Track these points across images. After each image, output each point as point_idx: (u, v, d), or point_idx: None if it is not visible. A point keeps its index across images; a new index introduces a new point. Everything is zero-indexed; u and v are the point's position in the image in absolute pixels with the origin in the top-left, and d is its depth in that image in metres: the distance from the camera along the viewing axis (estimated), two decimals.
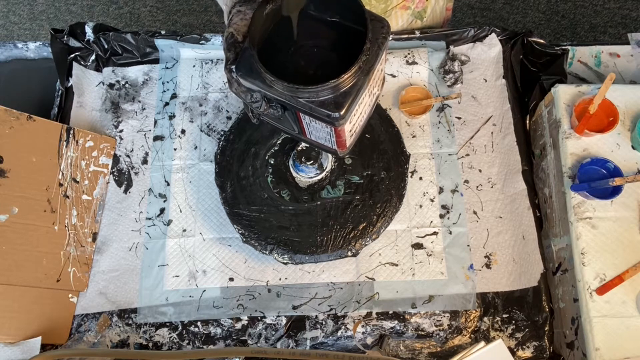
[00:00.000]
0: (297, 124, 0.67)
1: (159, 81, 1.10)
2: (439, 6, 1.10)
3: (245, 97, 0.66)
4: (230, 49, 0.65)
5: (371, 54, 0.61)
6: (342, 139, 0.66)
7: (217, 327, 0.93)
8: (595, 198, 0.85)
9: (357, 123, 0.67)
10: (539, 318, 0.92)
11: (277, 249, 0.90)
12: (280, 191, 0.94)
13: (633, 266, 0.83)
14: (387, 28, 0.62)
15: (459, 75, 1.06)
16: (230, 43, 0.65)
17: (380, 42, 0.61)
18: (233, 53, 0.65)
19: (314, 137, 0.69)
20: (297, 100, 0.61)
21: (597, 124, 0.89)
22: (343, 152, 0.70)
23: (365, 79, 0.61)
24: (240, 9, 0.66)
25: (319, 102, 0.60)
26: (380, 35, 0.62)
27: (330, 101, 0.60)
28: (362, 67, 0.60)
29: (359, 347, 0.92)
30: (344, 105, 0.60)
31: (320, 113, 0.61)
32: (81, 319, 0.95)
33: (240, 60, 0.63)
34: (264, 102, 0.65)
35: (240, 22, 0.65)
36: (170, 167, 1.03)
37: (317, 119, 0.63)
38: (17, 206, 0.86)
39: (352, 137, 0.69)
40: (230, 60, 0.65)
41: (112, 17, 2.14)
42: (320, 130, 0.66)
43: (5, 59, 1.15)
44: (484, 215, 0.98)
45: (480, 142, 1.03)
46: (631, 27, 2.03)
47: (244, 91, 0.66)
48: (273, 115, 0.68)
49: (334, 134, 0.65)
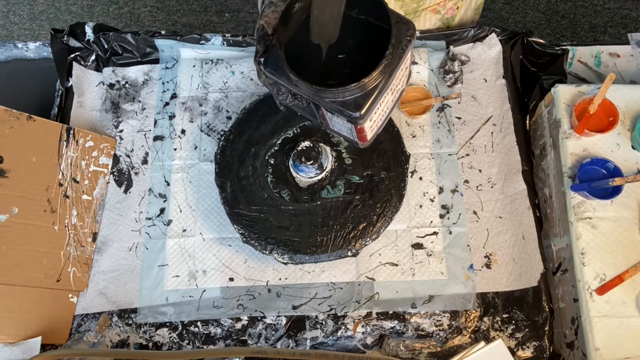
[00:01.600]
0: (320, 116, 0.70)
1: (159, 81, 1.10)
2: (467, 17, 1.11)
3: (272, 89, 0.68)
4: (260, 42, 0.65)
5: (394, 57, 0.62)
6: (363, 134, 0.69)
7: (217, 327, 0.93)
8: (595, 198, 0.85)
9: (379, 119, 0.69)
10: (539, 318, 0.92)
11: (277, 249, 0.90)
12: (280, 191, 0.94)
13: (633, 266, 0.83)
14: (412, 30, 0.63)
15: (459, 75, 1.06)
16: (261, 35, 0.65)
17: (405, 44, 0.62)
18: (263, 46, 0.65)
19: (336, 128, 0.72)
20: (320, 99, 0.63)
21: (597, 124, 0.89)
22: (364, 144, 0.72)
23: (387, 81, 0.62)
24: (273, 0, 0.66)
25: (340, 102, 0.62)
26: (404, 38, 0.62)
27: (351, 102, 0.62)
28: (383, 70, 0.61)
29: (359, 347, 0.92)
30: (364, 106, 0.62)
31: (342, 112, 0.63)
32: (81, 319, 0.95)
33: (269, 56, 0.65)
34: (290, 95, 0.67)
35: (271, 14, 0.65)
36: (170, 167, 1.03)
37: (339, 116, 0.65)
38: (17, 206, 0.86)
39: (373, 131, 0.71)
40: (259, 53, 0.66)
41: (112, 17, 2.14)
42: (342, 125, 0.68)
43: (5, 59, 1.15)
44: (484, 215, 0.98)
45: (480, 142, 1.03)
46: (631, 27, 2.03)
47: (271, 83, 0.67)
48: (298, 106, 0.70)
49: (354, 130, 0.68)
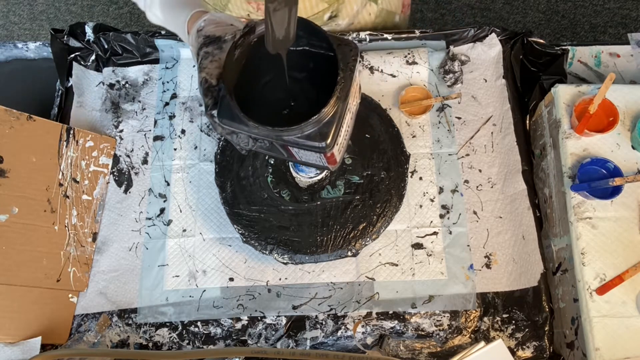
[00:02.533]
0: (286, 152, 0.70)
1: (159, 81, 1.10)
2: None
3: (231, 138, 0.67)
4: (207, 94, 0.65)
5: (345, 80, 0.62)
6: (332, 158, 0.69)
7: (217, 327, 0.93)
8: (595, 198, 0.85)
9: (344, 139, 0.69)
10: (539, 318, 0.92)
11: (277, 249, 0.90)
12: (280, 191, 0.94)
13: (633, 266, 0.83)
14: (355, 50, 0.63)
15: (459, 75, 1.06)
16: (206, 88, 0.65)
17: (352, 65, 0.63)
18: (211, 98, 0.65)
19: (304, 159, 0.71)
20: (283, 139, 0.62)
21: (597, 124, 0.89)
22: (334, 167, 0.72)
23: (344, 104, 0.62)
24: (207, 50, 0.66)
25: (304, 137, 0.62)
26: (350, 59, 0.63)
27: (316, 133, 0.61)
28: (339, 96, 0.61)
29: (359, 347, 0.92)
30: (329, 135, 0.62)
31: (308, 146, 0.63)
32: (81, 319, 0.95)
33: (221, 107, 0.64)
34: (251, 140, 0.66)
35: (210, 64, 0.65)
36: (170, 167, 1.03)
37: (305, 149, 0.65)
38: (17, 206, 0.86)
39: (340, 153, 0.70)
40: (209, 106, 0.65)
41: (112, 17, 2.14)
42: (310, 155, 0.68)
43: (5, 59, 1.15)
44: (484, 215, 0.98)
45: (480, 142, 1.03)
46: (631, 27, 2.03)
47: (228, 133, 0.66)
48: (261, 147, 0.69)
49: (323, 157, 0.67)
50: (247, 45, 0.65)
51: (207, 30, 0.68)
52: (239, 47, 0.64)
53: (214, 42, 0.66)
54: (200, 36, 0.68)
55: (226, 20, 0.70)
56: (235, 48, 0.64)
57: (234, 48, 0.63)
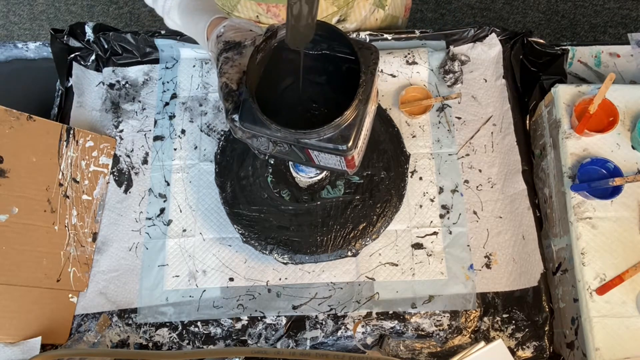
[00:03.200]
0: (305, 156, 0.70)
1: (159, 81, 1.10)
2: None
3: (252, 142, 0.67)
4: (228, 99, 0.65)
5: (367, 83, 0.62)
6: (352, 162, 0.69)
7: (217, 327, 0.93)
8: (595, 198, 0.85)
9: (363, 142, 0.69)
10: (539, 318, 0.92)
11: (277, 249, 0.90)
12: (280, 191, 0.94)
13: (633, 266, 0.83)
14: (376, 54, 0.64)
15: (459, 75, 1.06)
16: (227, 93, 0.65)
17: (373, 68, 0.63)
18: (231, 102, 0.65)
19: (323, 163, 0.72)
20: (304, 142, 0.63)
21: (597, 124, 0.89)
22: (353, 171, 0.72)
23: (365, 107, 0.63)
24: (227, 55, 0.66)
25: (326, 140, 0.62)
26: (371, 62, 0.63)
27: (337, 136, 0.62)
28: (361, 99, 0.62)
29: (359, 347, 0.92)
30: (350, 138, 0.62)
31: (330, 149, 0.63)
32: (81, 319, 0.95)
33: (243, 111, 0.64)
34: (271, 143, 0.67)
35: (230, 69, 0.66)
36: (170, 167, 1.03)
37: (326, 153, 0.65)
38: (17, 206, 0.86)
39: (359, 156, 0.71)
40: (230, 111, 0.65)
41: (112, 17, 2.14)
42: (330, 159, 0.68)
43: (5, 59, 1.15)
44: (484, 215, 0.98)
45: (480, 142, 1.03)
46: (631, 27, 2.03)
47: (249, 137, 0.67)
48: (280, 151, 0.69)
49: (343, 160, 0.68)
50: (269, 49, 0.66)
51: (227, 36, 0.68)
52: (261, 51, 0.65)
53: (233, 48, 0.67)
54: (220, 42, 0.68)
55: (246, 26, 0.70)
56: (258, 52, 0.64)
57: (257, 52, 0.64)
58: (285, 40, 0.60)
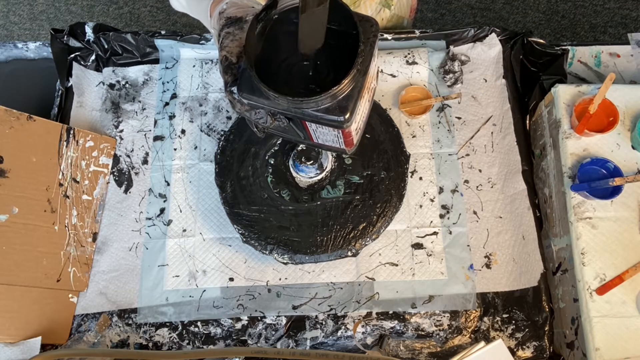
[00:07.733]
0: (304, 131, 0.70)
1: (159, 81, 1.10)
2: None
3: (250, 115, 0.68)
4: (227, 72, 0.66)
5: (365, 54, 0.62)
6: (349, 138, 0.69)
7: (217, 327, 0.93)
8: (595, 198, 0.85)
9: (361, 120, 0.70)
10: (539, 318, 0.92)
11: (277, 249, 0.90)
12: (280, 191, 0.94)
13: (633, 266, 0.83)
14: (376, 26, 0.64)
15: (459, 75, 1.06)
16: (226, 66, 0.66)
17: (372, 41, 0.63)
18: (230, 75, 0.66)
19: (321, 140, 0.72)
20: (302, 111, 0.63)
21: (597, 124, 0.89)
22: (351, 149, 0.72)
23: (364, 79, 0.63)
24: (229, 30, 0.67)
25: (323, 110, 0.62)
26: (370, 34, 0.63)
27: (335, 107, 0.62)
28: (359, 69, 0.61)
29: (359, 347, 0.92)
30: (348, 108, 0.62)
31: (327, 119, 0.63)
32: (81, 319, 0.95)
33: (241, 81, 0.65)
34: (269, 117, 0.67)
35: (231, 43, 0.66)
36: (170, 167, 1.03)
37: (323, 125, 0.65)
38: (17, 206, 0.86)
39: (357, 134, 0.71)
40: (229, 83, 0.66)
41: (112, 17, 2.14)
42: (327, 134, 0.68)
43: (5, 59, 1.15)
44: (484, 215, 0.98)
45: (480, 142, 1.03)
46: (631, 27, 2.03)
47: (247, 110, 0.67)
48: (279, 127, 0.69)
49: (341, 135, 0.68)
50: (269, 20, 0.66)
51: (229, 12, 0.69)
52: (261, 21, 0.65)
53: (235, 23, 0.67)
54: (222, 18, 0.69)
55: (248, 2, 0.71)
56: (258, 22, 0.64)
57: (256, 22, 0.64)
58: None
